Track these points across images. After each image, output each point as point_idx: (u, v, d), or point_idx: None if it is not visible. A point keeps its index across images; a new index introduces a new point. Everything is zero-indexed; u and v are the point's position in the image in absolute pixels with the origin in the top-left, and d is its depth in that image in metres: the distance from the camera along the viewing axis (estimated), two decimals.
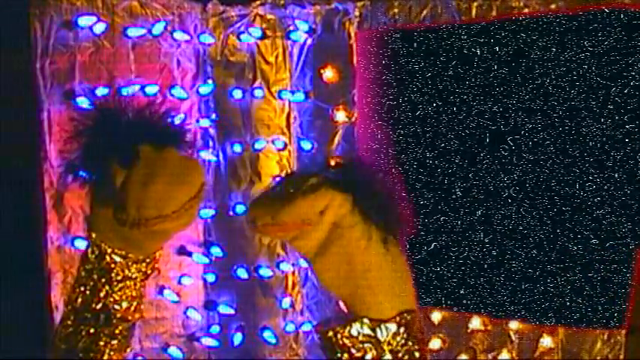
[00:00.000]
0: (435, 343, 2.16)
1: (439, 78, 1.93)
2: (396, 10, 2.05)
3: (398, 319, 0.75)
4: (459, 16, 1.99)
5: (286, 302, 2.19)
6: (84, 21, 1.96)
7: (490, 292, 1.95)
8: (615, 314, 1.84)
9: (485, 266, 1.92)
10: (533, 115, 1.83)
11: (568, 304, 1.87)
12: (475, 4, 1.99)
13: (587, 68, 1.76)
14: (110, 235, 0.84)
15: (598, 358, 2.09)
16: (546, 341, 2.11)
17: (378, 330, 0.74)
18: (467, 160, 1.90)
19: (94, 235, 0.86)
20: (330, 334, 0.76)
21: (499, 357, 2.15)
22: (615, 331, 2.01)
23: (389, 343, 0.74)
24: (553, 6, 1.92)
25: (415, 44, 1.95)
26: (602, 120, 1.77)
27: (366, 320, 0.75)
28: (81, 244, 2.00)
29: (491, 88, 1.85)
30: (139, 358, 2.11)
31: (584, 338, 2.10)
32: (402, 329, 0.75)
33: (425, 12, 2.02)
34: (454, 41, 1.90)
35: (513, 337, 2.14)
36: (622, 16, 1.72)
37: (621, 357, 2.08)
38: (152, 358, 2.12)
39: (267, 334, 2.18)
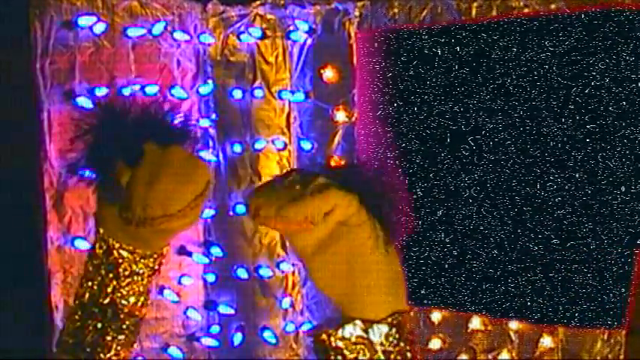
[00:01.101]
0: (435, 343, 2.16)
1: (437, 77, 1.93)
2: (396, 10, 2.05)
3: (390, 319, 0.75)
4: (459, 16, 1.99)
5: (286, 302, 2.19)
6: (84, 21, 1.96)
7: (451, 291, 1.95)
8: (615, 314, 1.85)
9: (446, 266, 1.92)
10: (495, 115, 1.84)
11: (568, 304, 1.87)
12: (475, 4, 1.99)
13: (548, 68, 1.77)
14: (117, 233, 0.84)
15: (598, 358, 2.09)
16: (546, 341, 2.11)
17: (370, 331, 0.75)
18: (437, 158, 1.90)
19: (101, 231, 0.86)
20: (323, 336, 0.76)
21: (499, 357, 2.15)
22: (615, 331, 2.01)
23: (381, 344, 0.75)
24: (553, 6, 1.91)
25: (415, 44, 1.95)
26: (563, 120, 1.78)
27: (358, 322, 0.75)
28: (81, 244, 2.00)
29: (474, 87, 1.86)
30: (139, 358, 2.11)
31: (584, 338, 2.10)
32: (394, 330, 0.75)
33: (425, 12, 2.02)
34: (454, 41, 1.90)
35: (513, 337, 2.14)
36: (583, 17, 1.73)
37: (621, 357, 2.07)
38: (152, 358, 2.12)
39: (267, 334, 2.18)
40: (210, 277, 2.17)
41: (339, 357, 0.75)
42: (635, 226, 1.77)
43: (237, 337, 2.18)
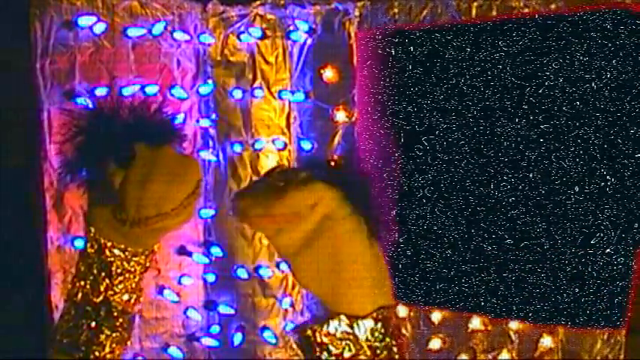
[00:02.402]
0: (435, 343, 2.16)
1: (437, 77, 1.93)
2: (396, 10, 2.05)
3: (375, 314, 0.75)
4: (459, 16, 1.99)
5: (286, 302, 2.19)
6: (84, 21, 1.96)
7: (405, 291, 1.95)
8: (615, 314, 1.85)
9: (400, 266, 1.92)
10: (448, 115, 1.84)
11: (568, 304, 1.87)
12: (475, 4, 1.99)
13: (502, 68, 1.77)
14: (109, 232, 0.85)
15: (598, 358, 2.09)
16: (546, 341, 2.11)
17: (355, 326, 0.75)
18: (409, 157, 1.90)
19: (92, 230, 0.87)
20: (308, 332, 0.76)
21: (499, 357, 2.15)
22: (615, 331, 2.01)
23: (367, 340, 0.75)
24: (553, 6, 1.92)
25: (415, 44, 1.95)
26: (517, 120, 1.78)
27: (343, 317, 0.75)
28: (81, 244, 2.00)
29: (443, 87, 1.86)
30: (139, 358, 2.11)
31: (584, 338, 2.10)
32: (379, 325, 0.75)
33: (425, 12, 2.02)
34: (454, 41, 1.90)
35: (513, 337, 2.14)
36: (536, 17, 1.74)
37: (621, 357, 2.08)
38: (152, 358, 2.12)
39: (267, 334, 2.18)
40: (210, 277, 2.17)
41: (325, 353, 0.75)
42: (589, 226, 1.77)
43: (237, 337, 2.18)
